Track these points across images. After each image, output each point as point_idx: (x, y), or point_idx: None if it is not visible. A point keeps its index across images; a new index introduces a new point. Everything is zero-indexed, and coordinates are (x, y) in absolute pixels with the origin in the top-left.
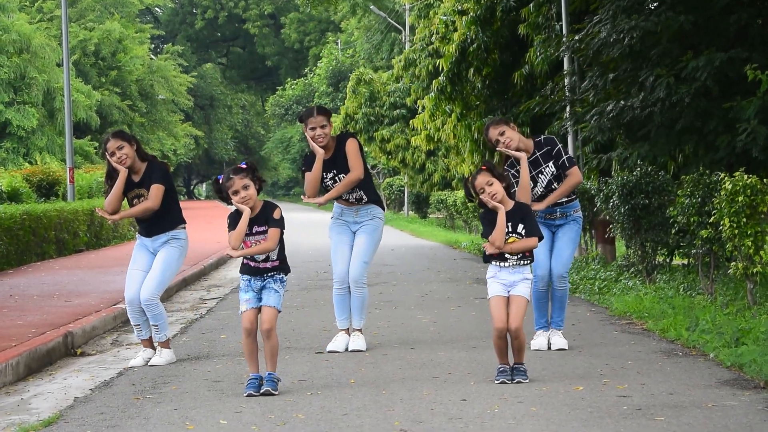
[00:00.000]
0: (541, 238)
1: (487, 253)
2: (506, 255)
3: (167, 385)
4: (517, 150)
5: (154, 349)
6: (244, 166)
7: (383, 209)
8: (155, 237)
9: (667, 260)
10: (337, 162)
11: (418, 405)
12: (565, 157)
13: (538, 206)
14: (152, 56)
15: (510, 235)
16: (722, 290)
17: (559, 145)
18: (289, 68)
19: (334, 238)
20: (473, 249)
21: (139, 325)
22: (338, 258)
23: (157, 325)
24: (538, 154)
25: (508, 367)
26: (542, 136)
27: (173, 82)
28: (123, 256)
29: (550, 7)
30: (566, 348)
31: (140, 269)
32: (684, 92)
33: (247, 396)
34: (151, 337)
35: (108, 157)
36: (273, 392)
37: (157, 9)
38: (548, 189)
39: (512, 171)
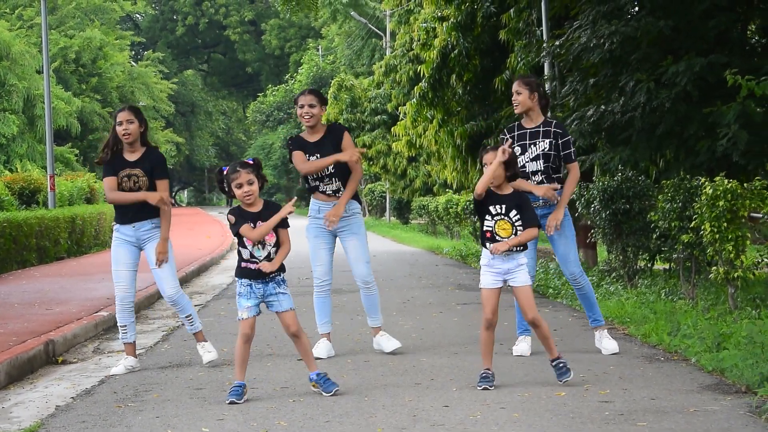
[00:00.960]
0: (539, 227)
1: (489, 249)
2: (497, 237)
3: (149, 392)
4: (523, 113)
5: (136, 356)
6: (251, 162)
7: (360, 203)
8: (139, 224)
9: (649, 265)
10: (324, 147)
11: (400, 411)
12: (571, 150)
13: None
14: (133, 63)
15: (502, 217)
16: (703, 295)
17: (570, 137)
18: (270, 74)
19: (312, 241)
20: (455, 255)
21: (125, 326)
22: (317, 260)
23: (190, 315)
24: (541, 129)
25: (490, 372)
26: (557, 121)
27: (154, 89)
28: (104, 263)
29: (530, 13)
30: (618, 351)
31: (128, 268)
32: (664, 97)
33: (229, 403)
34: (134, 343)
35: (116, 125)
36: (335, 391)
37: (137, 16)
38: (534, 162)
39: (508, 135)
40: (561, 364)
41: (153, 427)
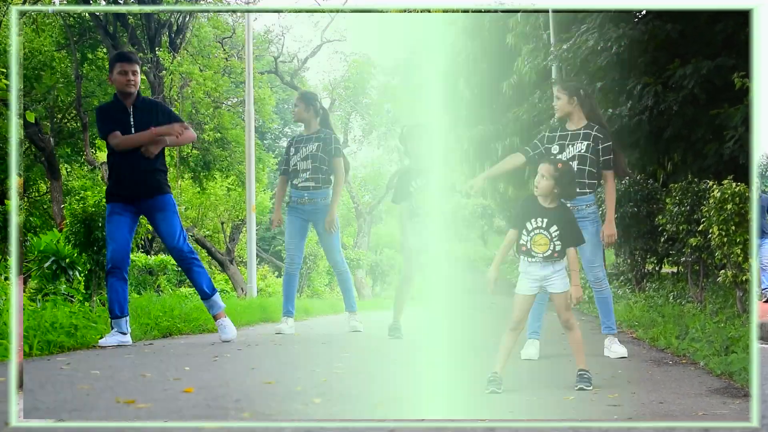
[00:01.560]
0: (578, 243)
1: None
2: (533, 252)
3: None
4: (564, 117)
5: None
6: None
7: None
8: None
9: (657, 268)
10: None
11: (405, 415)
12: (610, 157)
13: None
14: None
15: (539, 231)
16: (711, 298)
17: (611, 143)
18: None
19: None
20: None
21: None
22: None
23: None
24: (582, 131)
25: (498, 375)
26: (601, 126)
27: None
28: None
29: (537, 17)
30: (626, 356)
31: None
32: (671, 100)
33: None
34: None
35: None
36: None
37: None
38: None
39: (549, 134)
40: (586, 376)
41: None
